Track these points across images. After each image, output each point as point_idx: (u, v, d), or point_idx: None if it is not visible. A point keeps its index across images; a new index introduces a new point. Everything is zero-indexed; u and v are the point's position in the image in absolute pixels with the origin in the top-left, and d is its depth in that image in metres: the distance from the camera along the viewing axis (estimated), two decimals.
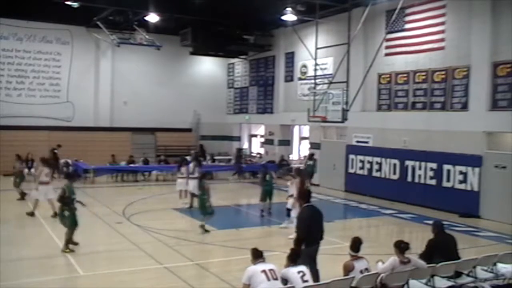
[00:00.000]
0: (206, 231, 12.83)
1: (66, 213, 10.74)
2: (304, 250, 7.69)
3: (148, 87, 27.91)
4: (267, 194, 15.26)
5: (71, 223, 10.71)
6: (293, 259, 6.78)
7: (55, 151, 23.29)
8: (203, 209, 12.88)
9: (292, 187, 13.29)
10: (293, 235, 12.20)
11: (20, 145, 22.87)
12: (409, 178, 18.05)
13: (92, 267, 9.79)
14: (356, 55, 19.05)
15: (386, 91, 19.50)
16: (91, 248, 11.17)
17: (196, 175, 15.92)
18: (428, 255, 8.15)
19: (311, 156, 21.97)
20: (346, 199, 19.39)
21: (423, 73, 17.87)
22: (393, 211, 16.78)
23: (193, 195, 16.03)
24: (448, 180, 16.70)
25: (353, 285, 6.74)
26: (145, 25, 24.03)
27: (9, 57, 24.93)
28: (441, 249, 8.11)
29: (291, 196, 13.10)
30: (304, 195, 8.75)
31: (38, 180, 14.71)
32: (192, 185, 15.98)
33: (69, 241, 10.73)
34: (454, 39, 16.90)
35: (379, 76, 19.65)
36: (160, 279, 9.16)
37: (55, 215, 13.02)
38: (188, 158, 25.65)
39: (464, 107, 16.49)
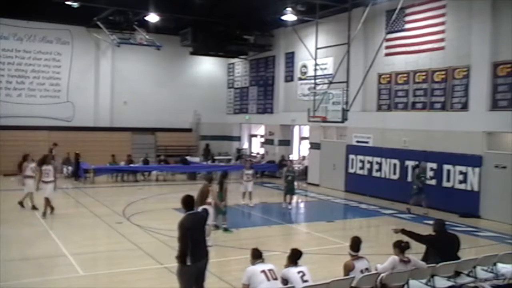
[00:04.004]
0: (226, 230, 12.76)
1: None
2: (190, 268, 6.68)
3: (148, 87, 27.92)
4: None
5: None
6: (293, 259, 6.77)
7: (52, 150, 23.26)
8: (217, 208, 12.62)
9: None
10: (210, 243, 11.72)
11: (20, 145, 22.86)
12: (409, 178, 18.03)
13: (92, 267, 9.81)
14: (356, 55, 19.06)
15: (386, 91, 19.50)
16: (91, 248, 11.19)
17: (52, 178, 14.47)
18: (425, 253, 8.14)
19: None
20: (346, 199, 19.39)
21: (423, 73, 17.87)
22: (393, 211, 16.78)
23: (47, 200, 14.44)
24: (448, 180, 16.70)
25: (353, 285, 6.73)
26: (145, 25, 24.03)
27: (9, 57, 24.93)
28: (439, 249, 8.06)
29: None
30: (188, 201, 7.03)
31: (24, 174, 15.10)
32: (49, 189, 14.43)
33: None
34: (454, 39, 16.90)
35: (379, 76, 19.64)
36: (160, 279, 9.15)
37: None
38: (188, 157, 26.10)
39: (464, 107, 16.49)
